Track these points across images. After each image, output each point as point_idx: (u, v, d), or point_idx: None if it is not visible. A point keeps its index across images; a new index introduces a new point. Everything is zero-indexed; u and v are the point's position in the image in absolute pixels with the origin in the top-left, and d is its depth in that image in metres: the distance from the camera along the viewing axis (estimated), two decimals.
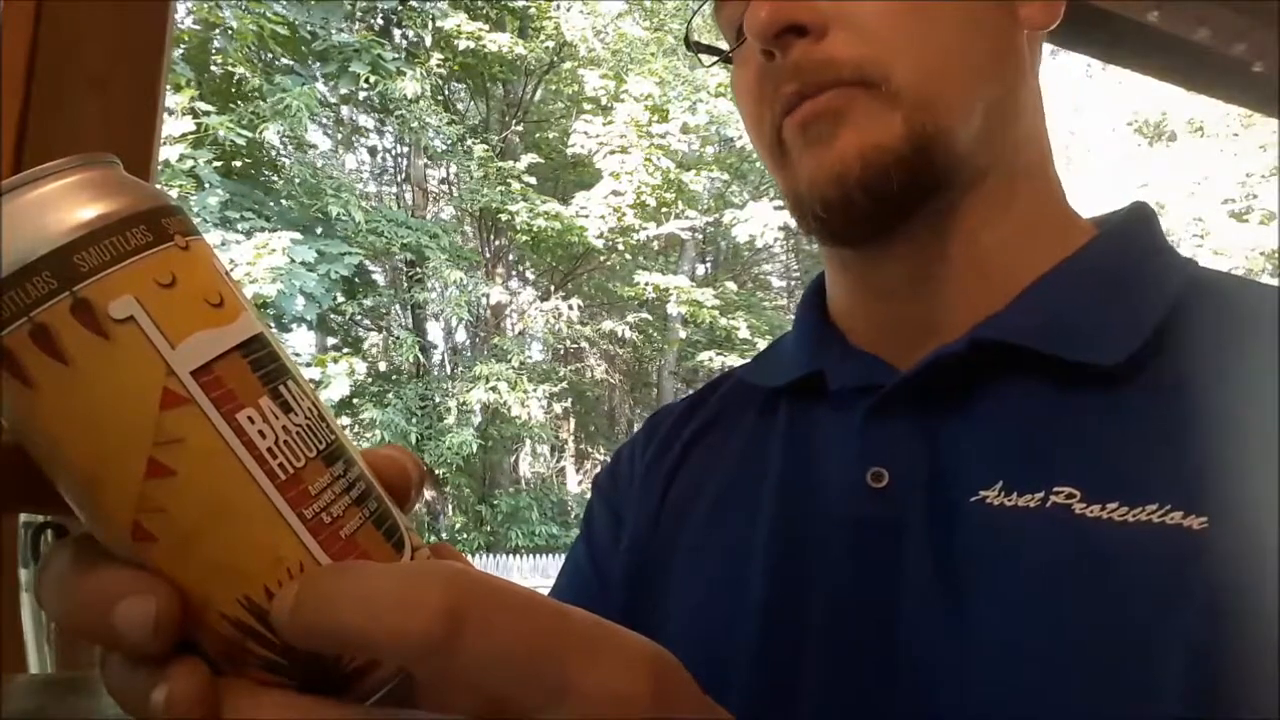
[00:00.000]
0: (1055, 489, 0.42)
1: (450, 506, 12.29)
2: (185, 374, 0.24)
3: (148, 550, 0.24)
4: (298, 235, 9.98)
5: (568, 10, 12.21)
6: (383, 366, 12.29)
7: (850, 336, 0.55)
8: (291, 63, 11.35)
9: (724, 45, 0.57)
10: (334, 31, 11.05)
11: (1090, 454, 0.43)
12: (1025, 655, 0.39)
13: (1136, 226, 0.52)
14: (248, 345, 0.26)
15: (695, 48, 0.58)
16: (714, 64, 0.58)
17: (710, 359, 12.60)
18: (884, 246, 0.50)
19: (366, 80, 11.06)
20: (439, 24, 11.87)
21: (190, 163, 9.56)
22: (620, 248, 12.39)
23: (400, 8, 11.94)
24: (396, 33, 12.44)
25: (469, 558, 0.33)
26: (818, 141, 0.48)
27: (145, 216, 0.25)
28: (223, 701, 0.24)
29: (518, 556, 11.29)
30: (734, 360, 12.30)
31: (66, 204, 0.25)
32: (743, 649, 0.48)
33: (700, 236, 13.93)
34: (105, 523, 0.25)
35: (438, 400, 11.79)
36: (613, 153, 11.74)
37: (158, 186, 0.27)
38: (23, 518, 0.56)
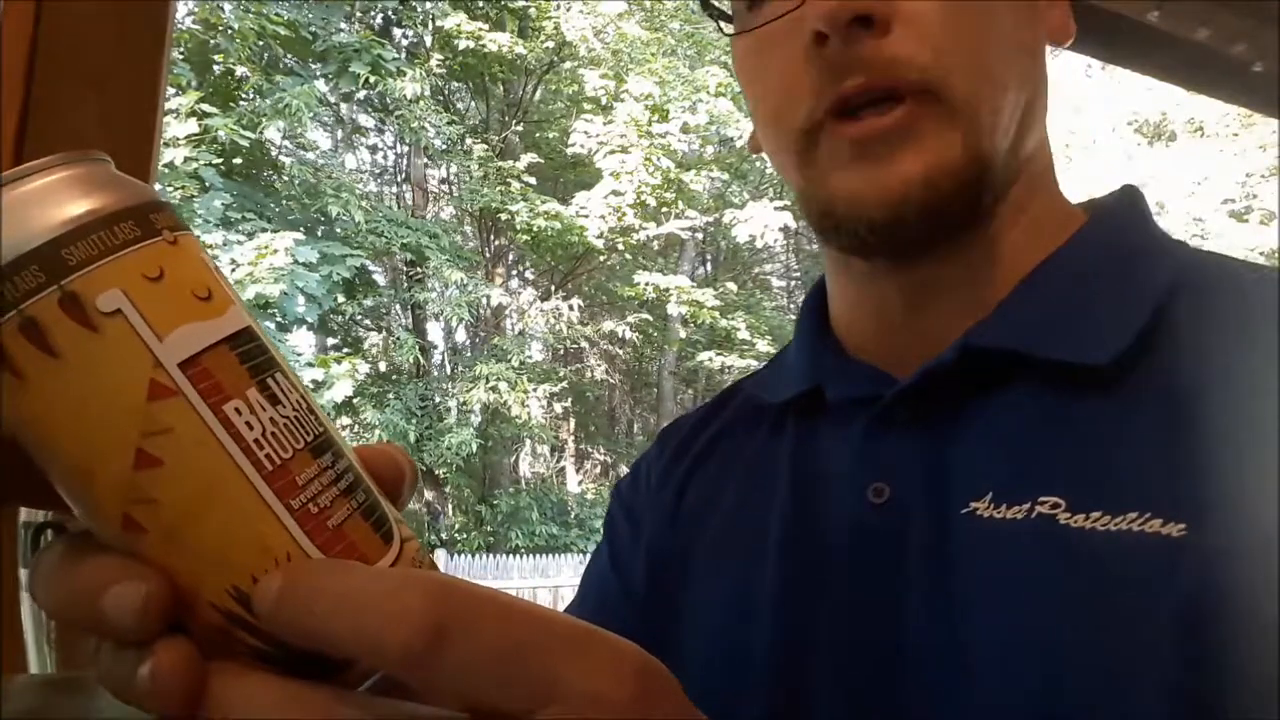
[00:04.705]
0: (1041, 499, 0.42)
1: (450, 506, 12.29)
2: (173, 366, 0.24)
3: (138, 541, 0.25)
4: (300, 236, 9.99)
5: (568, 10, 12.20)
6: (383, 367, 12.28)
7: (847, 343, 0.55)
8: (291, 63, 11.35)
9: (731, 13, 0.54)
10: (334, 31, 11.05)
11: (1077, 461, 0.42)
12: (1016, 670, 0.40)
13: (1123, 212, 0.51)
14: (236, 338, 0.26)
15: (714, 13, 0.54)
16: (738, 33, 0.53)
17: (710, 359, 12.60)
18: (914, 260, 0.50)
19: (366, 80, 11.05)
20: (439, 24, 11.87)
21: (194, 164, 9.57)
22: (620, 248, 12.39)
23: (400, 8, 11.94)
24: (396, 33, 12.45)
25: (469, 558, 0.33)
26: (873, 159, 0.47)
27: (133, 212, 0.25)
28: (209, 681, 0.24)
29: (518, 556, 11.27)
30: (734, 360, 12.30)
31: (55, 199, 0.25)
32: (754, 668, 0.49)
33: (700, 236, 13.93)
34: (97, 514, 0.25)
35: (438, 400, 11.79)
36: (613, 153, 11.73)
37: (148, 185, 0.27)
38: (22, 518, 0.56)
